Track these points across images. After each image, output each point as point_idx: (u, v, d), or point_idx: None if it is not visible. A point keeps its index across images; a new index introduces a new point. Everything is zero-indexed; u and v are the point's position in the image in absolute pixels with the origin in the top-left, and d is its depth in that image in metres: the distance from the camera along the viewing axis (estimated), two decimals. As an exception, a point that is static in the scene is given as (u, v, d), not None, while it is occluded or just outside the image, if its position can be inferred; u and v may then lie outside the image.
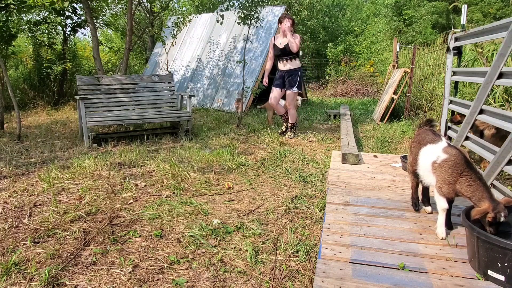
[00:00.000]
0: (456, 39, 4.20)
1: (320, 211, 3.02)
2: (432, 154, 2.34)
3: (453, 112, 4.57)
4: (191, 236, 2.60)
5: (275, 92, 5.99)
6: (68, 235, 2.59)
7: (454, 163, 2.17)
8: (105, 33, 16.92)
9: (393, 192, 3.09)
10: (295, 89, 5.82)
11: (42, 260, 2.27)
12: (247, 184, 3.76)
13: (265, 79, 6.16)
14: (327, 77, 15.72)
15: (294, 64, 5.83)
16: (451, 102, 4.29)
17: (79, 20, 9.12)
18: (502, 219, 1.90)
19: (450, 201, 2.28)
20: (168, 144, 5.53)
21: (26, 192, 3.44)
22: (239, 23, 6.99)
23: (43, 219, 2.84)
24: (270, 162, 4.56)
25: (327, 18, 17.40)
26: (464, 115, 3.74)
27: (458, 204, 2.70)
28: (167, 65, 10.40)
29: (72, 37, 9.86)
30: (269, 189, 3.63)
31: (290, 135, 6.03)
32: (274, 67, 11.54)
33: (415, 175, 2.58)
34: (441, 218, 2.27)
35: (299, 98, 6.43)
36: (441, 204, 2.25)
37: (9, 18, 7.17)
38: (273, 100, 6.04)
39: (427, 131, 2.56)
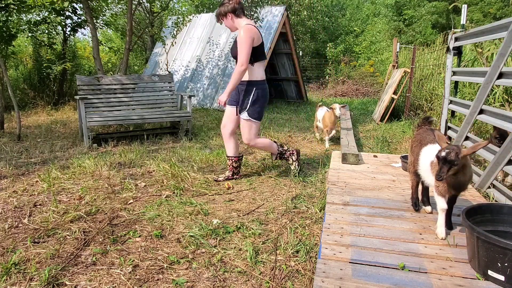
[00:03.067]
0: (456, 39, 4.20)
1: (320, 211, 3.02)
2: (431, 155, 2.34)
3: (453, 112, 4.58)
4: (191, 236, 2.60)
5: (227, 111, 3.75)
6: (68, 235, 2.59)
7: None
8: (105, 33, 16.92)
9: (393, 192, 3.09)
10: (245, 115, 3.55)
11: (42, 260, 2.27)
12: (247, 184, 3.76)
13: (225, 99, 3.50)
14: (327, 77, 15.72)
15: (249, 73, 3.51)
16: (451, 102, 4.30)
17: (79, 20, 9.11)
18: (440, 154, 2.01)
19: (450, 201, 2.28)
20: (168, 144, 5.53)
21: (26, 192, 3.44)
22: (239, 23, 6.98)
23: (43, 219, 2.84)
24: (270, 162, 4.56)
25: (326, 18, 17.41)
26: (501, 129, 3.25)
27: (459, 204, 2.70)
28: (167, 65, 10.40)
29: (72, 37, 9.86)
30: (269, 189, 3.63)
31: (294, 171, 3.97)
32: (273, 66, 11.59)
33: (416, 175, 2.57)
34: (441, 218, 2.27)
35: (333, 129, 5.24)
36: (440, 204, 2.24)
37: (9, 18, 7.17)
38: (224, 127, 3.76)
39: (428, 131, 2.56)
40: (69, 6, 8.57)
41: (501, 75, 3.15)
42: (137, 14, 13.22)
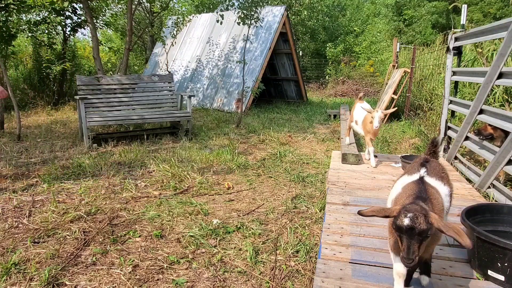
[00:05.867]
0: (456, 39, 4.20)
1: (320, 211, 3.02)
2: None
3: (453, 112, 4.57)
4: (191, 236, 2.60)
5: None
6: (68, 235, 2.59)
7: None
8: (105, 33, 16.91)
9: (393, 192, 3.09)
10: None
11: (42, 260, 2.27)
12: (247, 184, 3.76)
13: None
14: (327, 77, 15.72)
15: None
16: (451, 102, 4.29)
17: (79, 20, 9.12)
18: (401, 222, 1.39)
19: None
20: (168, 144, 5.53)
21: (26, 192, 3.44)
22: (238, 23, 6.99)
23: (43, 219, 2.83)
24: (270, 162, 4.56)
25: (327, 18, 17.40)
26: (498, 128, 3.29)
27: (458, 204, 2.70)
28: (167, 65, 10.40)
29: (72, 37, 9.85)
30: (269, 189, 3.63)
31: None
32: (273, 66, 11.60)
33: None
34: (397, 285, 1.66)
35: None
36: (395, 266, 1.65)
37: (9, 18, 7.16)
38: None
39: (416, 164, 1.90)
40: (69, 6, 8.57)
41: (501, 75, 3.15)
42: (137, 14, 13.22)
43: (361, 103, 4.19)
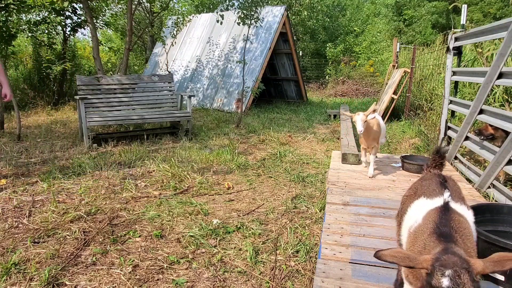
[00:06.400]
0: (456, 39, 4.20)
1: (320, 211, 3.02)
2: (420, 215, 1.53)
3: (453, 112, 4.57)
4: (191, 236, 2.60)
5: None
6: (68, 235, 2.59)
7: None
8: (105, 33, 16.91)
9: (393, 192, 3.09)
10: None
11: (42, 260, 2.27)
12: (247, 184, 3.76)
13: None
14: (327, 77, 15.72)
15: None
16: (451, 102, 4.30)
17: (79, 20, 9.12)
18: (439, 283, 1.07)
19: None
20: (168, 144, 5.53)
21: (26, 192, 3.44)
22: (238, 23, 6.99)
23: (43, 219, 2.83)
24: (270, 162, 4.56)
25: (327, 18, 17.41)
26: (499, 128, 3.26)
27: (458, 204, 2.70)
28: (167, 65, 10.40)
29: (72, 37, 9.85)
30: (269, 189, 3.63)
31: None
32: (273, 66, 11.60)
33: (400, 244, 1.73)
34: None
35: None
36: None
37: (9, 18, 7.17)
38: None
39: (433, 178, 1.64)
40: (69, 6, 8.57)
41: (501, 75, 3.15)
42: (137, 14, 13.22)
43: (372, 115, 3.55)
